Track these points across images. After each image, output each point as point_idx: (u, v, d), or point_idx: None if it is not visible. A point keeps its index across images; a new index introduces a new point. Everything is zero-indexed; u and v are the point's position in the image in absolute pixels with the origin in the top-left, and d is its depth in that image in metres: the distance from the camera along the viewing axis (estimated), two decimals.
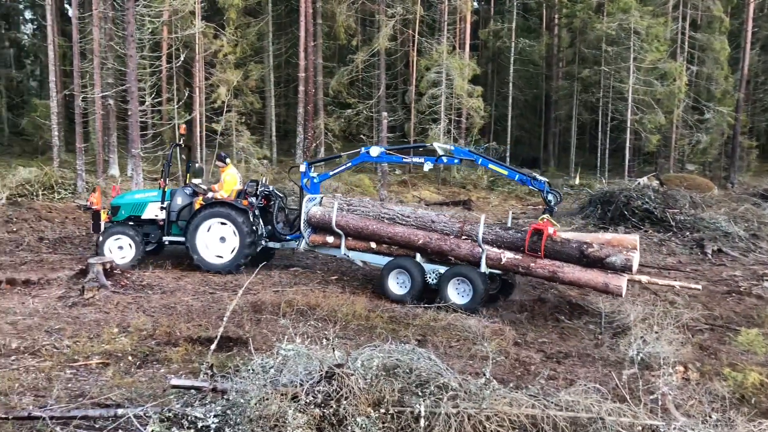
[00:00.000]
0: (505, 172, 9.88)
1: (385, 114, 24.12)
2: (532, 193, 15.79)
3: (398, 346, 4.75)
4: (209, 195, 10.98)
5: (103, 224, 11.05)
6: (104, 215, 11.11)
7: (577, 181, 28.49)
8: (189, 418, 4.28)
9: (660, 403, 4.83)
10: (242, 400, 4.24)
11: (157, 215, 11.07)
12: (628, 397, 4.69)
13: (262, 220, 11.08)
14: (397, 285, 9.65)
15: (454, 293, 9.28)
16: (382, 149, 10.57)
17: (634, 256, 8.46)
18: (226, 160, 11.36)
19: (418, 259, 9.71)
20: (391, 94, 32.80)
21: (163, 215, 11.04)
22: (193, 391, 4.78)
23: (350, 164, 11.09)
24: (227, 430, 4.15)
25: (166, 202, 11.05)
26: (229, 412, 4.27)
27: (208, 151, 24.82)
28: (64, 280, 9.30)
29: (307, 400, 4.09)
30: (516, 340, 7.79)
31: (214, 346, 5.32)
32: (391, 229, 9.86)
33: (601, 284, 8.59)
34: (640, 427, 4.24)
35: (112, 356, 6.43)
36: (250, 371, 4.58)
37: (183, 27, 23.77)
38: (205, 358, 5.23)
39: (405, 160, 11.17)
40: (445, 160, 10.43)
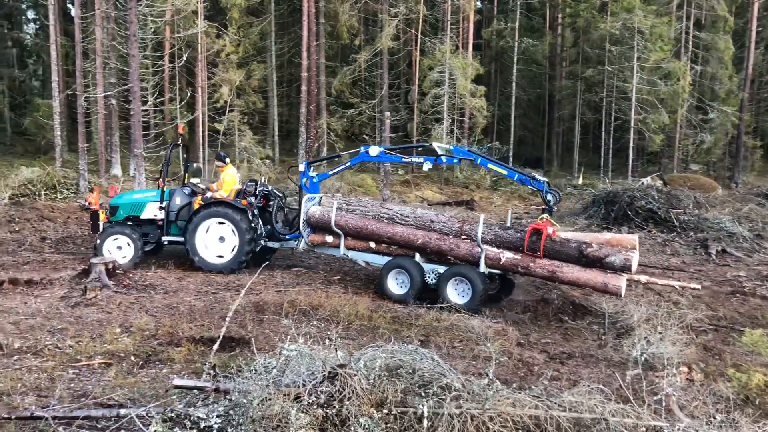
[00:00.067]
0: (505, 172, 9.85)
1: (387, 114, 24.13)
2: (535, 193, 15.76)
3: (401, 347, 4.75)
4: (208, 195, 10.99)
5: (101, 224, 11.06)
6: (103, 215, 11.12)
7: (581, 181, 28.43)
8: (191, 418, 4.28)
9: (664, 404, 4.81)
10: (245, 401, 4.23)
11: (156, 215, 11.08)
12: (632, 398, 4.67)
13: (261, 220, 11.08)
14: (396, 285, 9.64)
15: (454, 293, 9.27)
16: (381, 149, 10.56)
17: (634, 256, 8.43)
18: (226, 160, 11.36)
19: (418, 258, 9.69)
20: (394, 94, 32.78)
21: (162, 215, 11.05)
22: (195, 391, 4.77)
23: (349, 164, 11.08)
24: (230, 430, 4.15)
25: (165, 202, 11.05)
26: (232, 412, 4.27)
27: (211, 150, 24.82)
28: (67, 280, 9.31)
29: (310, 401, 4.09)
30: (519, 341, 7.77)
31: (216, 346, 5.33)
32: (391, 229, 9.85)
33: (601, 284, 8.57)
34: (644, 428, 4.23)
35: (114, 356, 6.43)
36: (253, 371, 4.57)
37: (185, 26, 23.80)
38: (208, 358, 5.22)
39: (404, 160, 11.17)
40: (445, 160, 10.42)
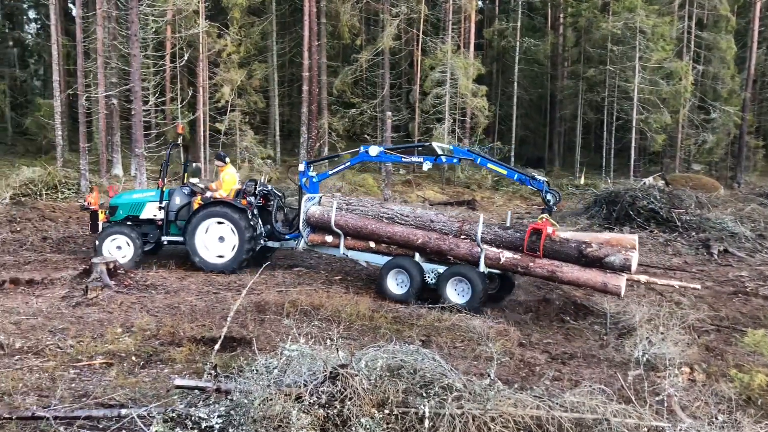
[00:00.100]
0: (504, 172, 9.85)
1: (389, 113, 24.14)
2: (536, 193, 15.68)
3: (402, 347, 4.73)
4: (207, 194, 10.99)
5: (101, 224, 11.06)
6: (102, 215, 11.12)
7: (582, 180, 28.41)
8: (193, 418, 4.27)
9: (666, 405, 4.80)
10: (246, 401, 4.23)
11: (156, 215, 11.08)
12: (634, 399, 4.66)
13: (260, 219, 11.08)
14: (395, 285, 9.63)
15: (453, 293, 9.26)
16: (381, 148, 10.56)
17: (633, 256, 8.42)
18: (226, 160, 11.36)
19: (417, 258, 9.68)
20: (396, 94, 32.76)
21: (162, 215, 11.05)
22: (196, 391, 4.77)
23: (349, 163, 11.08)
24: (231, 430, 4.15)
25: (165, 202, 11.05)
26: (233, 412, 4.26)
27: (212, 150, 24.82)
28: (68, 279, 9.31)
29: (311, 401, 4.08)
30: (521, 341, 7.76)
31: (217, 347, 5.31)
32: (390, 229, 9.84)
33: (600, 284, 8.55)
34: (646, 429, 4.21)
35: (115, 356, 6.42)
36: (254, 371, 4.56)
37: (187, 26, 23.81)
38: (209, 359, 5.22)
39: (404, 160, 11.17)
40: (444, 160, 10.42)
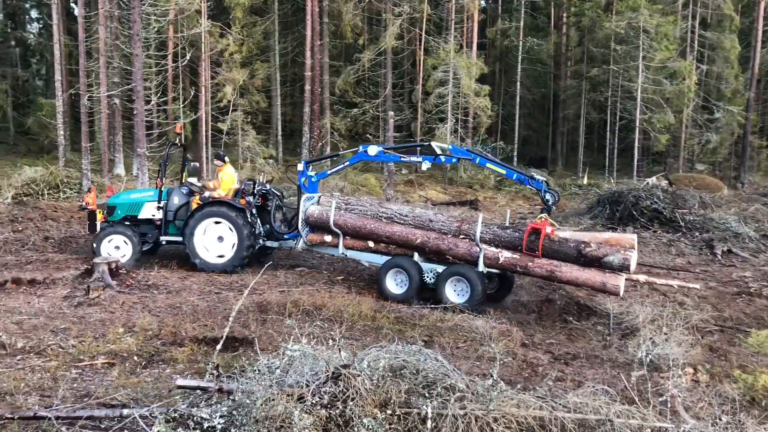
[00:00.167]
0: (504, 172, 9.85)
1: (391, 113, 24.10)
2: (539, 193, 15.58)
3: (405, 347, 4.72)
4: (206, 194, 10.98)
5: (99, 224, 11.06)
6: (100, 215, 11.12)
7: (586, 180, 28.37)
8: (195, 418, 4.26)
9: (669, 406, 4.78)
10: (248, 401, 4.22)
11: (154, 215, 11.08)
12: (637, 399, 4.65)
13: (259, 219, 11.08)
14: (395, 284, 9.63)
15: (452, 292, 9.26)
16: (380, 148, 10.55)
17: (632, 256, 8.41)
18: (225, 159, 11.36)
19: (416, 258, 9.68)
20: (398, 93, 32.73)
21: (160, 215, 11.05)
22: (198, 391, 4.76)
23: (348, 163, 11.09)
24: (233, 430, 4.14)
25: (163, 202, 11.04)
26: (235, 412, 4.25)
27: (214, 150, 24.84)
28: (70, 279, 9.32)
29: (314, 401, 4.07)
30: (523, 341, 7.74)
31: (219, 347, 5.30)
32: (389, 228, 9.84)
33: (599, 283, 8.55)
34: (649, 430, 4.20)
35: (117, 356, 6.42)
36: (256, 372, 4.55)
37: (189, 26, 23.81)
38: (211, 359, 5.20)
39: (403, 159, 11.18)
40: (443, 159, 10.41)
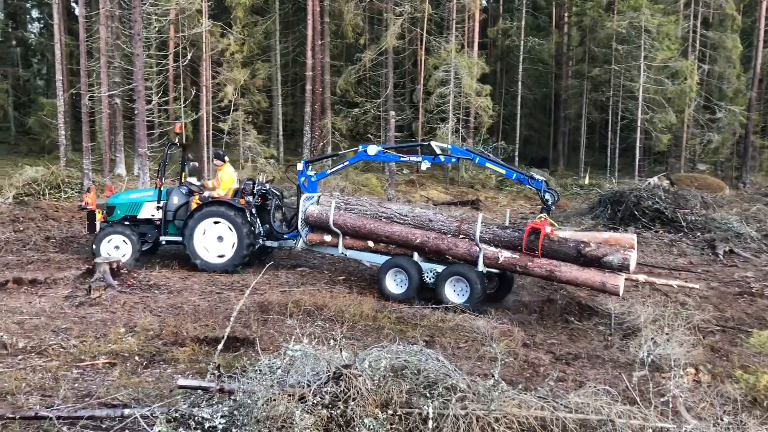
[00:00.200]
0: (503, 171, 9.85)
1: (392, 113, 24.08)
2: None
3: (406, 347, 4.71)
4: (206, 194, 10.97)
5: (98, 224, 11.06)
6: (99, 215, 11.12)
7: (587, 180, 28.35)
8: (196, 418, 4.25)
9: (671, 406, 4.76)
10: (249, 401, 4.21)
11: (154, 215, 11.08)
12: (639, 400, 4.64)
13: (259, 219, 11.08)
14: (394, 284, 9.64)
15: (452, 292, 9.26)
16: (380, 148, 10.55)
17: (632, 255, 8.41)
18: (225, 159, 11.36)
19: (416, 258, 9.69)
20: (399, 93, 32.72)
21: (160, 215, 11.04)
22: (200, 391, 4.75)
23: (347, 163, 11.09)
24: (234, 430, 4.13)
25: (162, 202, 11.04)
26: (236, 412, 4.25)
27: (215, 150, 24.84)
28: (71, 279, 9.31)
29: (315, 401, 4.06)
30: (525, 342, 7.73)
31: (221, 347, 5.30)
32: (389, 228, 9.85)
33: (599, 283, 8.54)
34: (651, 430, 4.19)
35: (118, 356, 6.41)
36: (257, 372, 4.54)
37: (190, 25, 23.81)
38: (212, 359, 5.20)
39: (402, 159, 11.19)
40: (443, 159, 10.41)
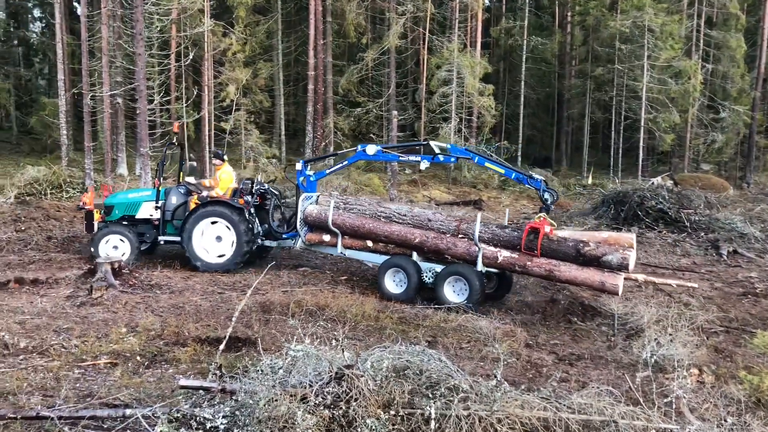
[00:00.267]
0: (502, 171, 9.84)
1: (395, 113, 24.08)
2: None
3: (408, 347, 4.70)
4: (204, 194, 10.97)
5: (96, 224, 11.06)
6: (97, 215, 11.12)
7: (590, 180, 28.31)
8: (198, 418, 4.25)
9: (674, 407, 4.74)
10: (251, 401, 4.21)
11: (152, 215, 11.08)
12: (642, 400, 4.63)
13: (257, 219, 11.08)
14: (393, 284, 9.64)
15: (451, 292, 9.26)
16: (379, 147, 10.54)
17: (631, 255, 8.39)
18: (224, 158, 11.36)
19: (415, 257, 9.68)
20: (402, 93, 32.70)
21: (158, 215, 11.04)
22: (201, 391, 4.74)
23: (346, 162, 11.09)
24: (236, 431, 4.12)
25: (161, 202, 11.04)
26: (238, 413, 4.24)
27: (215, 149, 24.84)
28: (73, 279, 9.31)
29: (317, 402, 4.06)
30: (528, 342, 7.70)
31: (222, 347, 5.29)
32: (388, 228, 9.84)
33: (598, 283, 8.52)
34: (654, 431, 4.16)
35: (120, 356, 6.41)
36: (259, 372, 4.54)
37: (192, 25, 23.82)
38: (214, 359, 5.20)
39: (402, 159, 11.18)
40: (442, 159, 10.38)
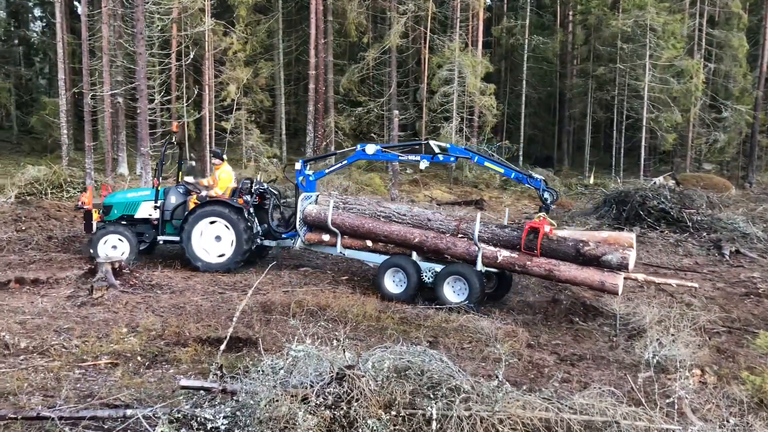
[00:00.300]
0: (501, 170, 9.84)
1: (396, 112, 24.07)
2: None
3: (409, 348, 4.70)
4: (203, 193, 10.96)
5: (95, 224, 11.06)
6: (96, 214, 11.11)
7: (592, 180, 28.29)
8: (198, 419, 4.24)
9: (676, 407, 4.72)
10: (252, 402, 4.20)
11: (151, 214, 11.07)
12: (644, 401, 4.60)
13: (257, 218, 11.07)
14: (393, 283, 9.64)
15: (450, 291, 9.26)
16: (378, 147, 10.53)
17: (630, 254, 8.38)
18: (223, 157, 11.35)
19: (415, 257, 9.68)
20: (403, 92, 32.69)
21: (157, 214, 11.03)
22: (202, 392, 4.73)
23: (346, 162, 11.08)
24: (237, 431, 4.10)
25: (160, 201, 11.03)
26: (239, 413, 4.24)
27: (214, 149, 24.84)
28: (73, 279, 9.30)
29: (318, 402, 4.04)
30: (529, 342, 7.69)
31: (223, 347, 5.28)
32: (387, 228, 9.84)
33: (597, 282, 8.51)
34: None
35: (121, 356, 6.40)
36: (260, 372, 4.53)
37: (192, 24, 23.81)
38: (215, 359, 5.19)
39: (401, 158, 11.17)
40: (441, 158, 10.37)
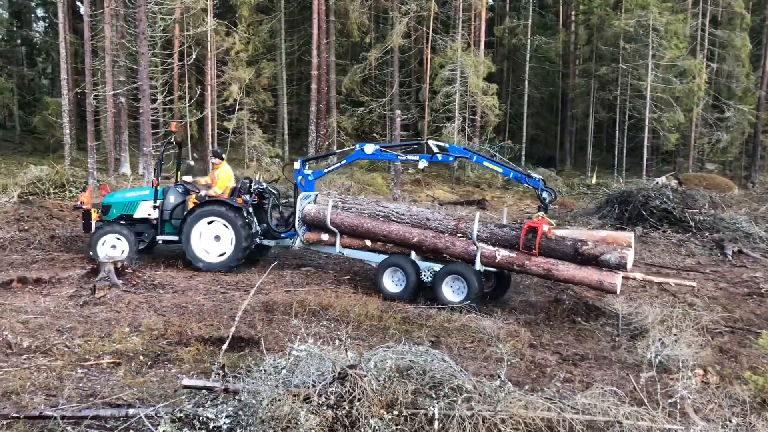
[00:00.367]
0: (500, 170, 9.86)
1: (398, 112, 24.09)
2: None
3: (412, 347, 4.70)
4: (202, 193, 10.96)
5: (94, 223, 11.07)
6: (95, 214, 11.12)
7: (594, 180, 28.27)
8: (200, 418, 4.24)
9: (679, 407, 4.72)
10: (254, 401, 4.20)
11: (150, 214, 11.07)
12: (646, 401, 4.61)
13: (256, 218, 11.08)
14: (392, 283, 9.65)
15: (449, 291, 9.27)
16: (377, 147, 10.54)
17: (629, 254, 8.38)
18: (222, 157, 11.35)
19: (413, 256, 9.69)
20: (405, 92, 32.69)
21: (156, 214, 11.04)
22: (204, 391, 4.73)
23: (345, 162, 11.09)
24: (239, 430, 4.12)
25: (159, 201, 11.03)
26: (241, 412, 4.24)
27: (213, 148, 24.86)
28: (76, 278, 9.31)
29: (320, 402, 4.05)
30: (531, 342, 7.68)
31: (225, 346, 5.28)
32: (386, 227, 9.84)
33: (596, 282, 8.51)
34: None
35: (123, 356, 6.40)
36: (262, 372, 4.53)
37: (195, 24, 23.85)
38: (217, 358, 5.19)
39: (400, 158, 11.17)
40: (440, 158, 10.37)
